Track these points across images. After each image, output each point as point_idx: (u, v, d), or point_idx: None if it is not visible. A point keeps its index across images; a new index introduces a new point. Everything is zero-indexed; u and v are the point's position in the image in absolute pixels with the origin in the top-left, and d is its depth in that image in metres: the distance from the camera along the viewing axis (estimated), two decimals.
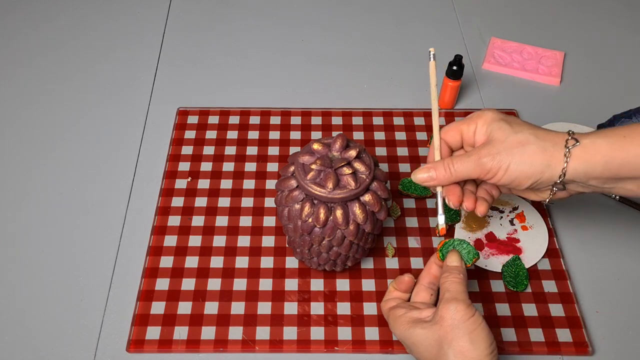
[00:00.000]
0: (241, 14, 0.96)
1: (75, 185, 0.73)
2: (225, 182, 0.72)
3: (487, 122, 0.51)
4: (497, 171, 0.50)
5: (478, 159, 0.50)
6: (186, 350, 0.59)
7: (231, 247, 0.66)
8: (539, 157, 0.49)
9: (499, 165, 0.50)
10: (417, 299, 0.56)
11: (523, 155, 0.49)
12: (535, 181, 0.50)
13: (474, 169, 0.51)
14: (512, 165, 0.49)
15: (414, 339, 0.50)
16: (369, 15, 0.97)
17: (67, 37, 0.92)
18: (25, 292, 0.63)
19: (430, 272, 0.56)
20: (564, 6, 0.98)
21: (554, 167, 0.49)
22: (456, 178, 0.52)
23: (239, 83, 0.85)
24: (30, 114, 0.81)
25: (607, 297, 0.63)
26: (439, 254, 0.55)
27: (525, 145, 0.49)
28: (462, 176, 0.52)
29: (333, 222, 0.54)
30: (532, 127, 0.51)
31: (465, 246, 0.55)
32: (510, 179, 0.50)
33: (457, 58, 0.76)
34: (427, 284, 0.56)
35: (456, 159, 0.52)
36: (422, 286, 0.56)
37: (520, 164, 0.49)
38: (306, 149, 0.56)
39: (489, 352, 0.47)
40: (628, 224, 0.69)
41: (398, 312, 0.53)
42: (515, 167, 0.49)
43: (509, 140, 0.50)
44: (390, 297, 0.57)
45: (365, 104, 0.82)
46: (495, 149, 0.50)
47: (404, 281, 0.56)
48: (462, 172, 0.52)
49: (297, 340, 0.59)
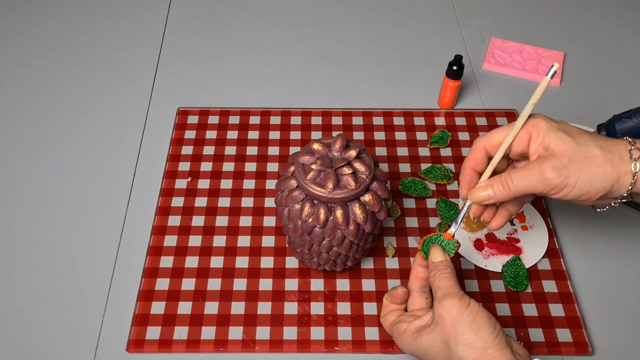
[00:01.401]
0: (241, 14, 0.96)
1: (75, 185, 0.73)
2: (225, 182, 0.72)
3: (543, 132, 0.49)
4: (564, 187, 0.48)
5: (541, 174, 0.48)
6: (186, 350, 0.59)
7: (231, 247, 0.66)
8: (608, 170, 0.47)
9: (565, 181, 0.47)
10: (414, 307, 0.54)
11: (592, 168, 0.47)
12: (604, 195, 0.48)
13: (537, 185, 0.48)
14: (580, 181, 0.47)
15: (423, 347, 0.49)
16: (369, 15, 0.97)
17: (67, 37, 0.92)
18: (25, 292, 0.63)
19: (417, 276, 0.54)
20: (564, 6, 0.98)
21: (622, 180, 0.47)
22: (515, 194, 0.49)
23: (239, 83, 0.85)
24: (30, 114, 0.81)
25: (607, 297, 0.63)
26: (421, 254, 0.54)
27: (591, 159, 0.47)
28: (521, 192, 0.49)
29: (333, 222, 0.54)
30: (592, 136, 0.49)
31: (443, 238, 0.54)
32: (579, 194, 0.48)
33: (457, 58, 0.76)
34: (419, 289, 0.54)
35: (514, 174, 0.49)
36: (415, 293, 0.55)
37: (590, 178, 0.47)
38: (306, 149, 0.56)
39: (495, 336, 0.46)
40: (628, 224, 0.69)
41: (401, 328, 0.52)
42: (584, 183, 0.47)
43: (575, 154, 0.47)
44: (387, 311, 0.56)
45: (365, 104, 0.82)
46: (560, 163, 0.47)
47: (398, 295, 0.55)
48: (522, 188, 0.49)
49: (297, 340, 0.59)
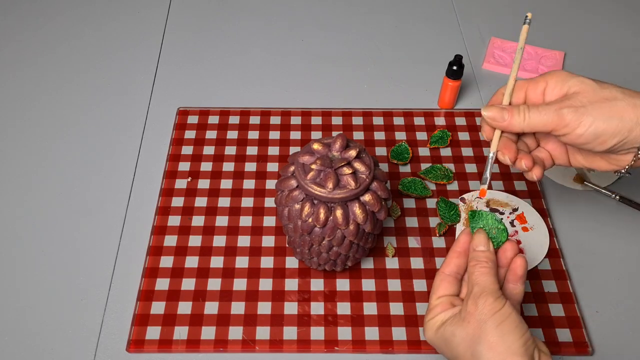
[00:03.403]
0: (241, 14, 0.96)
1: (75, 185, 0.73)
2: (225, 182, 0.72)
3: (562, 78, 0.47)
4: (579, 125, 0.45)
5: (558, 109, 0.46)
6: (186, 350, 0.59)
7: (231, 247, 0.66)
8: (629, 112, 0.45)
9: (581, 118, 0.45)
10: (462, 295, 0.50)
11: (612, 109, 0.45)
12: (621, 140, 0.45)
13: (551, 119, 0.46)
14: (597, 121, 0.45)
15: (444, 336, 0.46)
16: (369, 15, 0.97)
17: (67, 37, 0.92)
18: (26, 292, 0.63)
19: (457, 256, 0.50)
20: (564, 6, 0.98)
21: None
22: (528, 126, 0.47)
23: (239, 83, 0.85)
24: (30, 114, 0.81)
25: (607, 297, 0.63)
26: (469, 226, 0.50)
27: (612, 101, 0.45)
28: (535, 125, 0.47)
29: (333, 222, 0.54)
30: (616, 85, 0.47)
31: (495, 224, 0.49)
32: (594, 135, 0.45)
33: (457, 58, 0.76)
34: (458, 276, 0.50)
35: (533, 107, 0.47)
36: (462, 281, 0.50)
37: (609, 119, 0.45)
38: (306, 149, 0.56)
39: (522, 344, 0.43)
40: (628, 224, 0.69)
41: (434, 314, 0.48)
42: (601, 122, 0.45)
43: (595, 94, 0.45)
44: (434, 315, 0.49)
45: (365, 104, 0.82)
46: (578, 101, 0.45)
47: None
48: (536, 121, 0.46)
49: (297, 340, 0.59)
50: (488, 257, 0.48)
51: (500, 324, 0.43)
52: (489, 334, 0.43)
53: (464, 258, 0.50)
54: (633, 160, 0.48)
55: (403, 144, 0.75)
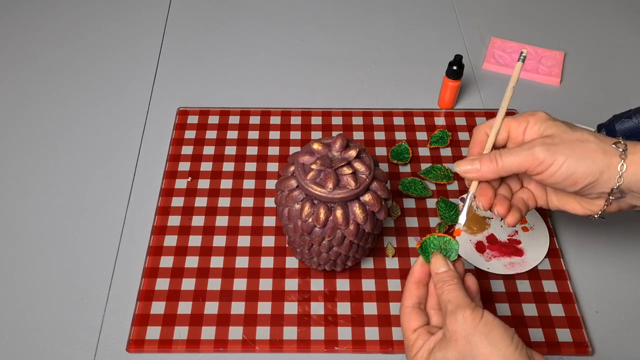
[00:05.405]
0: (241, 14, 0.96)
1: (75, 185, 0.73)
2: (225, 182, 0.72)
3: (541, 120, 0.49)
4: (552, 164, 0.46)
5: (531, 147, 0.46)
6: (186, 350, 0.59)
7: (231, 247, 0.66)
8: (600, 155, 0.46)
9: (553, 157, 0.46)
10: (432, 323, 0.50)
11: (584, 150, 0.46)
12: (592, 181, 0.46)
13: (524, 160, 0.47)
14: (569, 160, 0.45)
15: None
16: (369, 15, 0.97)
17: (67, 37, 0.92)
18: (26, 292, 0.63)
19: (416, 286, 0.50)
20: (564, 6, 0.98)
21: (612, 170, 0.46)
22: (502, 170, 0.48)
23: (239, 83, 0.85)
24: (30, 114, 0.81)
25: (607, 297, 0.63)
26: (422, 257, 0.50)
27: (585, 142, 0.46)
28: (508, 168, 0.48)
29: (333, 222, 0.54)
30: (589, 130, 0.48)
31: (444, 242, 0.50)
32: (566, 174, 0.46)
33: (457, 58, 0.76)
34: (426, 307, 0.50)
35: (504, 151, 0.48)
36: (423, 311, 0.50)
37: (580, 158, 0.46)
38: (306, 149, 0.56)
39: (515, 348, 0.43)
40: (628, 224, 0.69)
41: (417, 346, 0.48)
42: (572, 162, 0.45)
43: (567, 135, 0.46)
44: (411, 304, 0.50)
45: (365, 104, 0.82)
46: (550, 140, 0.46)
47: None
48: (509, 164, 0.47)
49: (297, 340, 0.59)
50: (451, 275, 0.48)
51: (489, 333, 0.43)
52: (480, 347, 0.43)
53: (424, 288, 0.50)
54: (605, 205, 0.48)
55: (403, 144, 0.75)
